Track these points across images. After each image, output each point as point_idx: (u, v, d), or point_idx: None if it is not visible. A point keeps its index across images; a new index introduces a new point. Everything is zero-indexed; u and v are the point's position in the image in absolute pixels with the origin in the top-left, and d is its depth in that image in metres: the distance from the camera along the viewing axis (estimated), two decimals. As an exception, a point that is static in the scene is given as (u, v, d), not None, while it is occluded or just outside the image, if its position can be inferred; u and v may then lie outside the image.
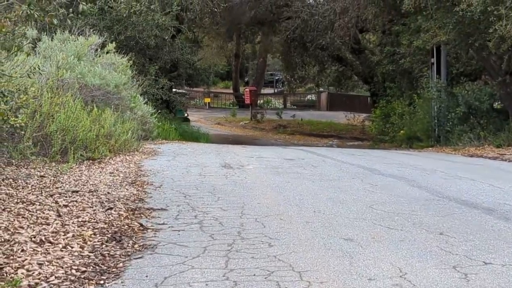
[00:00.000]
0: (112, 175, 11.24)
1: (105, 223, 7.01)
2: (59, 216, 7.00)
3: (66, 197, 8.36)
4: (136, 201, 8.64)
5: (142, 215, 7.66)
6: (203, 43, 44.79)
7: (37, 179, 9.56)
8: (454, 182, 10.95)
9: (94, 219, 7.13)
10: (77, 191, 8.77)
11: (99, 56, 16.94)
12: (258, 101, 53.81)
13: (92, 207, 7.81)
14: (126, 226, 6.98)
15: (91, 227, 6.77)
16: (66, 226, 6.69)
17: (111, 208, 7.86)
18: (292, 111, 50.29)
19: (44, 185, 9.11)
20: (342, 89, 49.48)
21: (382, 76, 33.21)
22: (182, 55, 28.81)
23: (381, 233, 6.79)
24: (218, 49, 50.86)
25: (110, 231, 6.66)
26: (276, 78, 67.24)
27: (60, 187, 9.18)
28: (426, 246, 6.18)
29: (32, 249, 5.70)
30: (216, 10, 30.47)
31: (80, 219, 7.03)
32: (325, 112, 53.36)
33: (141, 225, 7.02)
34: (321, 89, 54.89)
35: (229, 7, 33.44)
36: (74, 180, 10.10)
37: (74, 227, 6.64)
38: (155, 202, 8.64)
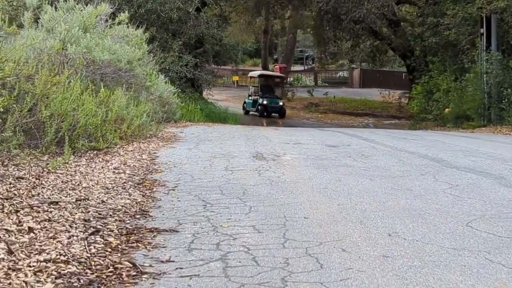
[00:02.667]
0: (116, 171, 8.78)
1: (80, 264, 4.52)
2: (10, 253, 4.53)
3: (39, 212, 5.90)
4: (137, 216, 6.15)
5: (140, 242, 5.16)
6: (231, 19, 42.13)
7: (10, 183, 7.10)
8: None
9: (64, 255, 4.65)
10: (56, 202, 6.31)
11: (110, 27, 14.44)
12: (288, 78, 51.16)
13: (70, 231, 5.34)
14: (111, 268, 4.49)
15: (53, 273, 4.29)
16: (13, 272, 4.22)
17: (97, 231, 5.39)
18: (323, 88, 47.58)
19: (15, 192, 6.65)
20: (376, 65, 46.58)
21: (423, 50, 30.36)
22: (207, 30, 26.26)
23: (509, 284, 4.24)
24: (246, 25, 48.13)
25: (82, 282, 4.17)
26: (306, 54, 64.36)
27: (38, 194, 6.72)
28: None
29: None
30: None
31: (42, 257, 4.56)
32: (358, 89, 50.61)
33: (134, 265, 4.53)
34: (353, 66, 52.04)
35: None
36: (62, 181, 7.65)
37: (25, 277, 4.16)
38: (163, 216, 6.15)
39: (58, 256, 4.59)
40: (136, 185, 7.90)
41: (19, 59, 9.90)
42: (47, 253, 4.66)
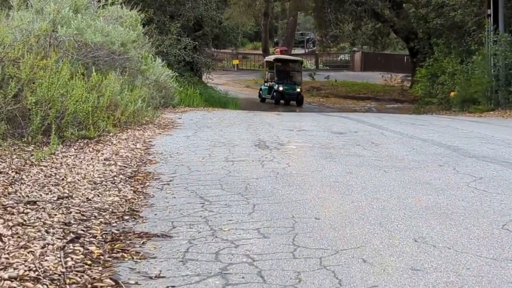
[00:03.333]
0: (107, 163, 8.01)
1: (52, 282, 3.77)
2: (-33, 269, 3.78)
3: (12, 214, 5.14)
4: (125, 217, 5.39)
5: (126, 252, 4.41)
6: (230, 1, 41.16)
7: (-15, 179, 6.35)
8: None
9: (35, 270, 3.89)
10: (34, 202, 5.54)
11: (102, 8, 13.61)
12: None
13: (45, 238, 4.58)
14: (90, 287, 3.74)
15: (17, 297, 3.54)
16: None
17: (77, 238, 4.63)
18: (324, 72, 46.70)
19: (-11, 190, 5.89)
20: (377, 48, 45.64)
21: (427, 32, 29.51)
22: (206, 12, 25.39)
23: None
24: (246, 7, 47.19)
25: (50, 308, 3.42)
26: (307, 37, 63.38)
27: (16, 192, 5.96)
28: None
29: None
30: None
31: (7, 273, 3.80)
32: (360, 72, 49.74)
33: (117, 283, 3.78)
34: (354, 49, 51.13)
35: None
36: (45, 176, 6.88)
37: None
38: (155, 217, 5.39)
39: (26, 272, 3.84)
40: (127, 179, 7.14)
41: (2, 40, 9.12)
42: (15, 268, 3.90)
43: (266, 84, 34.97)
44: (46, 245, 4.39)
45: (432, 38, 28.37)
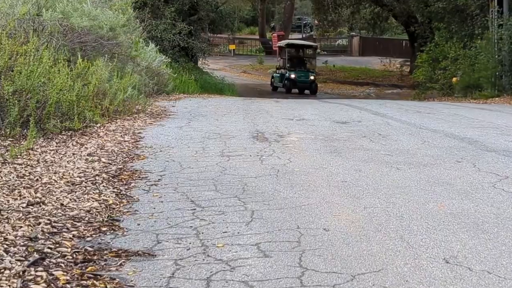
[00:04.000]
0: (90, 159, 7.21)
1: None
2: None
3: (-31, 227, 4.35)
4: (103, 228, 4.60)
5: (98, 278, 3.62)
6: (227, -15, 40.20)
7: None
8: None
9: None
10: (-2, 211, 4.75)
11: (90, -10, 12.74)
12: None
13: (3, 259, 3.78)
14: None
15: None
16: None
17: (42, 259, 3.84)
18: (322, 57, 45.71)
19: None
20: (376, 33, 44.74)
21: (428, 16, 28.63)
22: (202, -5, 24.46)
23: None
24: (243, -9, 46.17)
25: None
26: (304, 22, 62.38)
27: (-22, 197, 5.16)
28: None
29: None
30: None
31: None
32: (358, 57, 48.83)
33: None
34: (352, 33, 50.21)
35: None
36: (18, 176, 6.08)
37: None
38: (137, 228, 4.60)
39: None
40: (110, 178, 6.34)
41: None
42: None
43: (278, 71, 32.11)
44: (2, 271, 3.60)
45: (433, 22, 27.50)
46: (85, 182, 6.08)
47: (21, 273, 3.57)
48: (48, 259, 3.86)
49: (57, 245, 4.14)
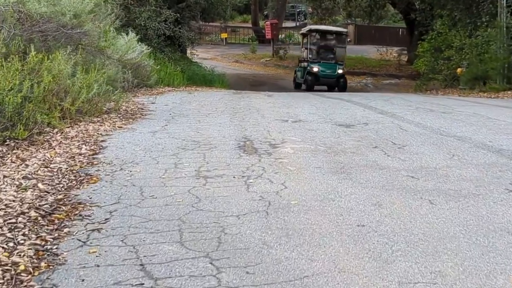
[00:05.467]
0: (23, 185, 5.41)
1: None
2: None
3: None
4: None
5: None
6: (217, -29, 38.16)
7: None
8: None
9: None
10: None
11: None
12: (280, 35, 47.47)
13: None
14: None
15: None
16: None
17: None
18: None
19: None
20: (372, 21, 42.82)
21: (429, 2, 26.78)
22: (190, -19, 22.55)
23: None
24: (235, -22, 44.12)
25: None
26: (298, 10, 60.37)
27: None
28: None
29: None
30: None
31: None
32: (353, 46, 46.78)
33: None
34: (347, 21, 48.27)
35: None
36: None
37: None
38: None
39: None
40: (40, 218, 4.56)
41: None
42: None
43: (301, 65, 25.90)
44: None
45: (435, 9, 25.65)
46: (0, 228, 4.28)
47: None
48: None
49: None
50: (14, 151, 6.85)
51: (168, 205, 4.92)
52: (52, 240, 4.12)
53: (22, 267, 3.61)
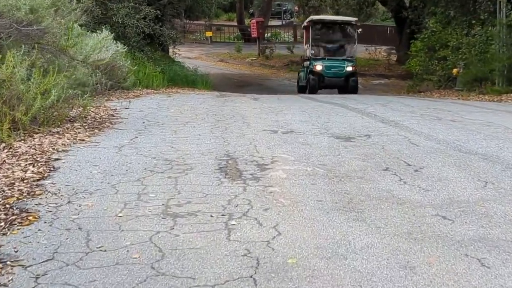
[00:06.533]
0: None
1: None
2: None
3: None
4: None
5: None
6: (202, -32, 36.71)
7: None
8: None
9: None
10: None
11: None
12: (266, 34, 46.10)
13: None
14: None
15: None
16: None
17: None
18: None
19: None
20: (359, 19, 41.52)
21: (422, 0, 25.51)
22: (171, -24, 21.12)
23: None
24: (220, -25, 42.67)
25: None
26: (284, 8, 59.00)
27: None
28: None
29: None
30: None
31: None
32: (341, 45, 45.60)
33: None
34: (334, 20, 46.96)
35: None
36: None
37: None
38: None
39: None
40: None
41: None
42: None
43: (304, 64, 22.41)
44: None
45: (428, 7, 24.39)
46: None
47: None
48: None
49: None
50: None
51: (119, 265, 3.55)
52: None
53: None
